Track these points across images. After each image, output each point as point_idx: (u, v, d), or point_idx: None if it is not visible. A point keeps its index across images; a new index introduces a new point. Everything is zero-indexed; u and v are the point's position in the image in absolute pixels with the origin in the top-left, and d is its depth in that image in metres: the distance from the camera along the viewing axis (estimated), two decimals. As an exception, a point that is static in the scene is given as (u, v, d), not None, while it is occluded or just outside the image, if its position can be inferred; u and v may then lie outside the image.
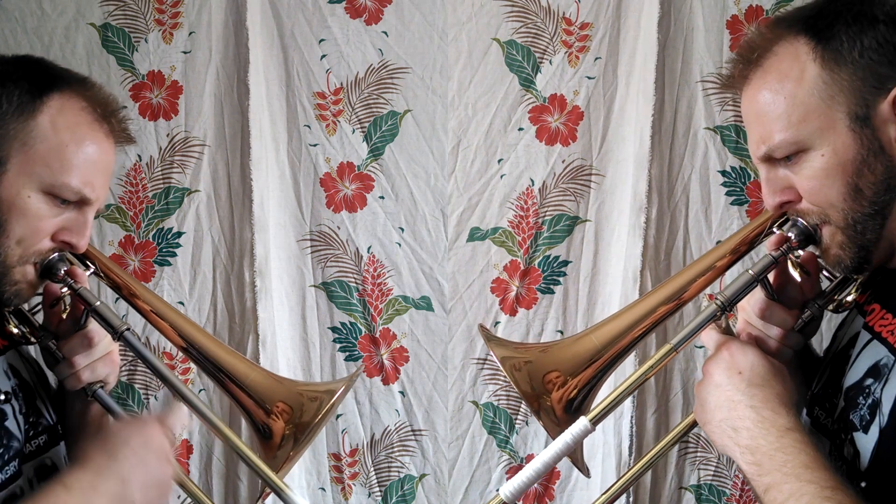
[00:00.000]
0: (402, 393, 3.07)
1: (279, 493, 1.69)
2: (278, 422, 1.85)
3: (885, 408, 1.37)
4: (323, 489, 3.09)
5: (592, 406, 1.62)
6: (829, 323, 1.84)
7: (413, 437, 3.08)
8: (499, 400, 3.06)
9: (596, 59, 2.98)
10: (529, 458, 3.03)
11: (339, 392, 1.91)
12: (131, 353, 1.84)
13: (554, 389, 1.71)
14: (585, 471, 1.86)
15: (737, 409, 1.48)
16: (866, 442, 1.40)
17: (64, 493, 1.49)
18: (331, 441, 3.08)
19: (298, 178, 3.03)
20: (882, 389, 1.39)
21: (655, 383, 3.01)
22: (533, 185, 3.01)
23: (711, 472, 3.04)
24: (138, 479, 1.58)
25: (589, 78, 2.99)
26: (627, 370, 2.72)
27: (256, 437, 1.88)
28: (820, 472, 1.33)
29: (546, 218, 3.01)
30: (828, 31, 1.47)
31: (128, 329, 1.73)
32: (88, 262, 1.83)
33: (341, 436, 3.08)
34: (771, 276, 1.62)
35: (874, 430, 1.38)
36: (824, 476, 1.32)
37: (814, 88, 1.47)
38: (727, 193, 2.97)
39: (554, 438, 1.61)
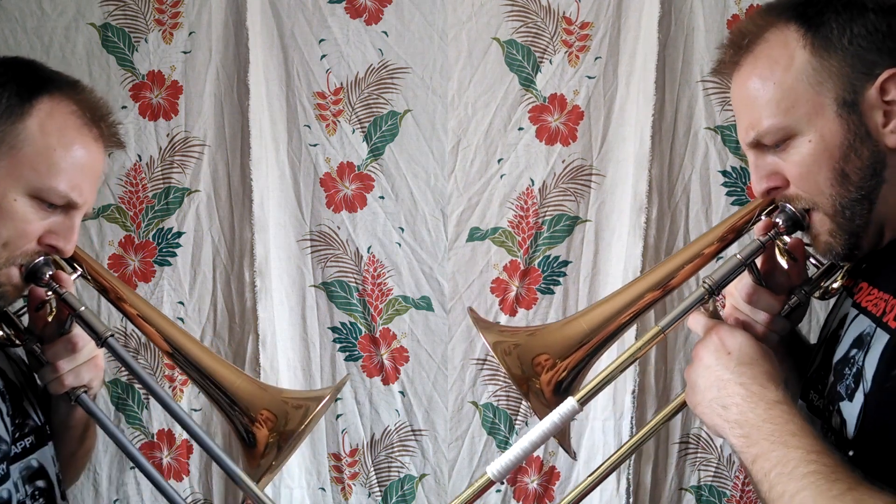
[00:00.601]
0: (402, 393, 3.06)
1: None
2: (262, 430, 1.85)
3: (868, 374, 1.39)
4: (323, 489, 3.08)
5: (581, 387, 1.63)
6: (825, 311, 1.84)
7: (413, 438, 3.08)
8: (498, 400, 3.06)
9: (596, 58, 2.98)
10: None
11: (325, 401, 1.91)
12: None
13: (543, 372, 1.73)
14: (572, 453, 1.88)
15: (726, 387, 1.49)
16: (851, 409, 1.42)
17: None
18: (331, 441, 3.08)
19: (298, 178, 3.03)
20: (865, 357, 1.41)
21: (656, 384, 3.00)
22: (533, 184, 3.00)
23: (712, 473, 3.03)
24: None
25: (589, 78, 2.99)
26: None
27: (240, 444, 1.87)
28: (806, 439, 1.34)
29: (546, 218, 3.01)
30: (818, 19, 1.50)
31: (112, 335, 1.72)
32: (76, 265, 1.84)
33: (341, 436, 3.08)
34: (758, 262, 1.64)
35: (859, 397, 1.40)
36: (810, 442, 1.34)
37: (803, 74, 1.50)
38: (728, 193, 2.97)
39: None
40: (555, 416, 1.56)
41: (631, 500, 3.00)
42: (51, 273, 1.69)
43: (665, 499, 3.05)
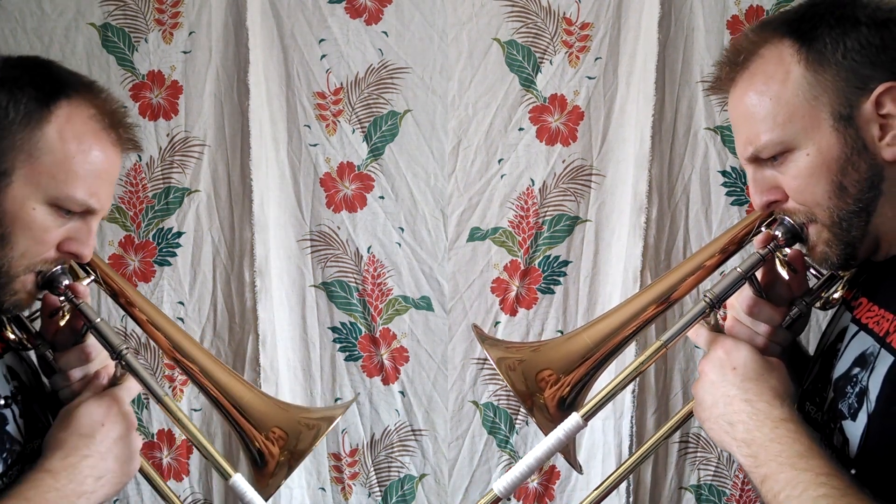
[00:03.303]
0: (402, 393, 3.07)
1: None
2: (273, 448, 1.83)
3: (872, 395, 1.40)
4: (323, 489, 3.09)
5: (585, 402, 1.64)
6: (820, 322, 1.85)
7: (413, 437, 3.08)
8: (499, 400, 3.06)
9: (596, 59, 2.98)
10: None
11: (336, 421, 1.91)
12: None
13: (547, 387, 1.74)
14: (578, 467, 1.90)
15: (732, 403, 1.51)
16: (854, 429, 1.43)
17: (49, 478, 1.52)
18: (331, 441, 3.08)
19: (298, 178, 3.03)
20: (868, 377, 1.42)
21: (655, 383, 3.01)
22: (533, 185, 3.00)
23: (711, 472, 3.03)
24: (115, 453, 1.64)
25: (589, 78, 2.99)
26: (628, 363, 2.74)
27: (248, 462, 1.85)
28: (815, 461, 1.36)
29: (546, 218, 3.01)
30: (811, 34, 1.51)
31: (127, 348, 1.71)
32: (89, 270, 1.82)
33: (341, 436, 3.08)
34: (759, 274, 1.66)
35: (862, 417, 1.41)
36: (819, 464, 1.35)
37: (798, 89, 1.51)
38: (727, 193, 2.97)
39: (547, 435, 1.64)
40: (559, 432, 1.58)
41: (631, 499, 3.00)
42: (67, 282, 1.68)
43: (665, 498, 3.06)
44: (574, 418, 1.59)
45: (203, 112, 2.97)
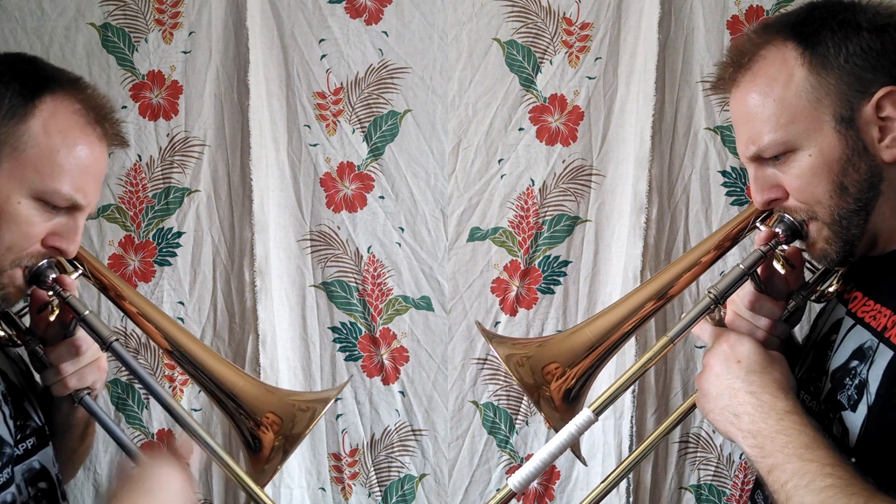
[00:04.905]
0: (402, 393, 3.07)
1: None
2: (268, 433, 1.84)
3: (872, 387, 1.43)
4: (323, 489, 3.08)
5: (594, 398, 1.66)
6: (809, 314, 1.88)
7: (413, 437, 3.08)
8: (499, 400, 3.06)
9: (596, 59, 2.98)
10: (529, 458, 3.01)
11: (330, 403, 1.92)
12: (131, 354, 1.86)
13: (553, 380, 1.78)
14: (583, 460, 1.94)
15: (737, 395, 1.53)
16: (854, 419, 1.46)
17: None
18: (331, 441, 3.08)
19: (298, 178, 3.03)
20: (868, 370, 1.46)
21: (655, 383, 3.01)
22: (533, 185, 3.00)
23: (711, 473, 3.03)
24: None
25: (589, 78, 2.99)
26: (628, 362, 2.74)
27: (244, 448, 1.87)
28: (820, 451, 1.38)
29: (546, 218, 3.01)
30: (814, 37, 1.55)
31: (116, 339, 1.72)
32: (77, 264, 1.83)
33: (341, 436, 3.08)
34: (759, 270, 1.69)
35: (862, 409, 1.45)
36: (825, 454, 1.37)
37: (801, 91, 1.54)
38: (727, 193, 2.97)
39: (553, 427, 1.70)
40: (572, 427, 1.61)
41: (631, 499, 3.00)
42: (54, 276, 1.68)
43: (665, 498, 3.06)
44: (586, 413, 1.61)
45: (203, 112, 2.97)
